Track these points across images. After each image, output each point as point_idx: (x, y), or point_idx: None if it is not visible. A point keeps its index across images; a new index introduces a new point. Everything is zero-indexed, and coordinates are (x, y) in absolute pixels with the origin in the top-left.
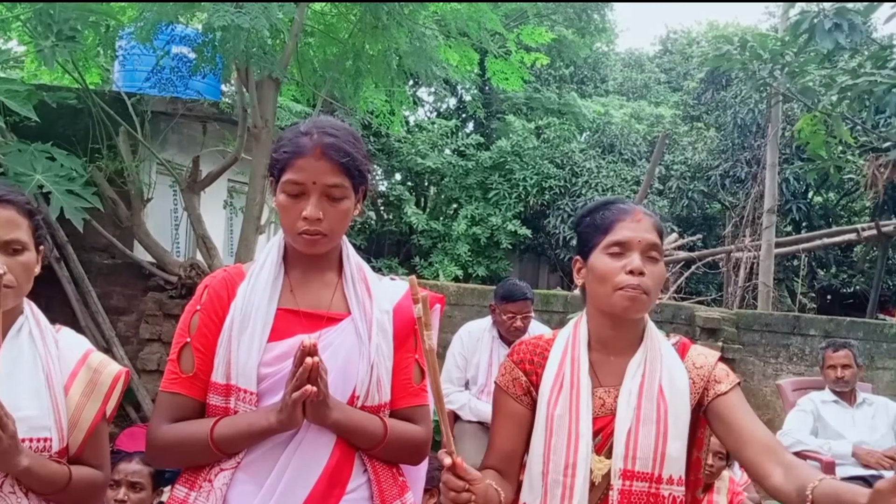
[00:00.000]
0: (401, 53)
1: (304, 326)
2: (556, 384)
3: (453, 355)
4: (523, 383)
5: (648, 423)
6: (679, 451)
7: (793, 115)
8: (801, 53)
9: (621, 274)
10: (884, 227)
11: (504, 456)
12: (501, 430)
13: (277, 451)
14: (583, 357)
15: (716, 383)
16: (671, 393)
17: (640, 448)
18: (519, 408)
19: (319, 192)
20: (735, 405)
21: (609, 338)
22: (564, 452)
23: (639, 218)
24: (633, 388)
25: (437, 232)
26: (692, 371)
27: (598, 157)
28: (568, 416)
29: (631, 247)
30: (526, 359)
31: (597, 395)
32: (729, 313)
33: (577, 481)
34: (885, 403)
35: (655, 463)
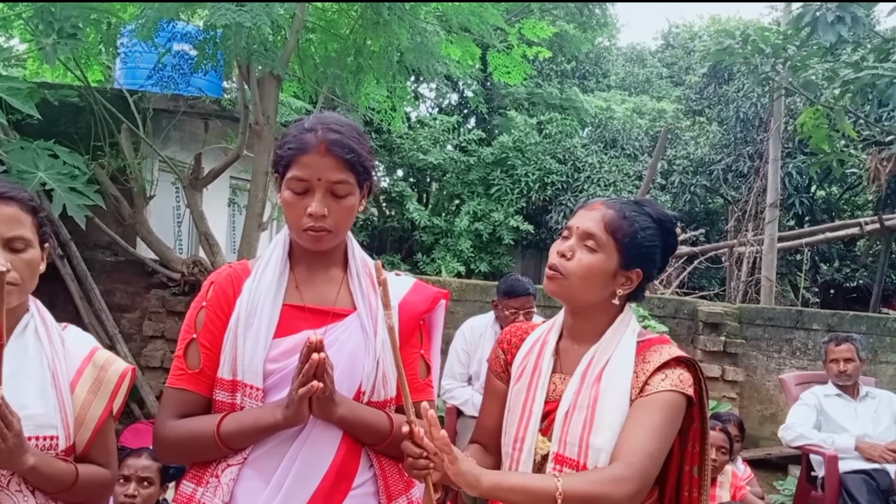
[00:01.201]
0: (402, 49)
1: (309, 322)
2: (523, 364)
3: (456, 351)
4: (502, 361)
5: (581, 409)
6: (604, 443)
7: (795, 109)
8: (804, 47)
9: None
10: (887, 221)
11: (486, 430)
12: (485, 405)
13: (284, 446)
14: (550, 342)
15: (648, 384)
16: (607, 382)
17: (570, 434)
18: (499, 384)
19: (324, 188)
20: (638, 411)
21: (572, 325)
22: (515, 427)
23: (593, 208)
24: (578, 376)
25: (440, 228)
26: (639, 366)
27: (600, 152)
28: (525, 394)
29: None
30: (506, 339)
31: (552, 380)
32: (731, 308)
33: (522, 455)
34: (889, 397)
35: (581, 451)
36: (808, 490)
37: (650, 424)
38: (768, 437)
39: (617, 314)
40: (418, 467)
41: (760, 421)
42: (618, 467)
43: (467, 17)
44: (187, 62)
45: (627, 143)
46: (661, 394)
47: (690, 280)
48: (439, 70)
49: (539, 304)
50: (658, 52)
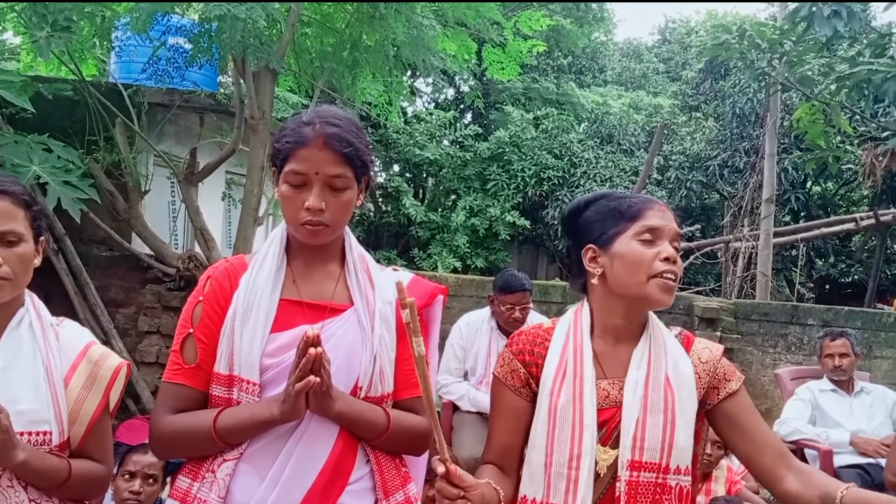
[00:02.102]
0: (398, 44)
1: (306, 317)
2: (559, 374)
3: (452, 346)
4: (522, 375)
5: (656, 412)
6: (686, 440)
7: (791, 104)
8: (800, 42)
9: (656, 261)
10: (882, 217)
11: (503, 450)
12: (500, 424)
13: (280, 441)
14: (586, 346)
15: (725, 381)
16: (678, 383)
17: (648, 438)
18: (518, 400)
19: (322, 182)
20: (746, 408)
21: (617, 327)
22: (569, 444)
23: (663, 208)
24: (639, 378)
25: (436, 223)
26: (698, 365)
27: (596, 147)
28: (572, 406)
29: (662, 234)
30: (525, 349)
31: (600, 387)
32: (727, 303)
33: (581, 473)
34: (883, 392)
35: (663, 453)
36: None
37: (761, 418)
38: None
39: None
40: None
41: None
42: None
43: (463, 12)
44: (182, 56)
45: (624, 139)
46: (742, 389)
47: (686, 276)
48: (435, 64)
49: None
50: (654, 48)
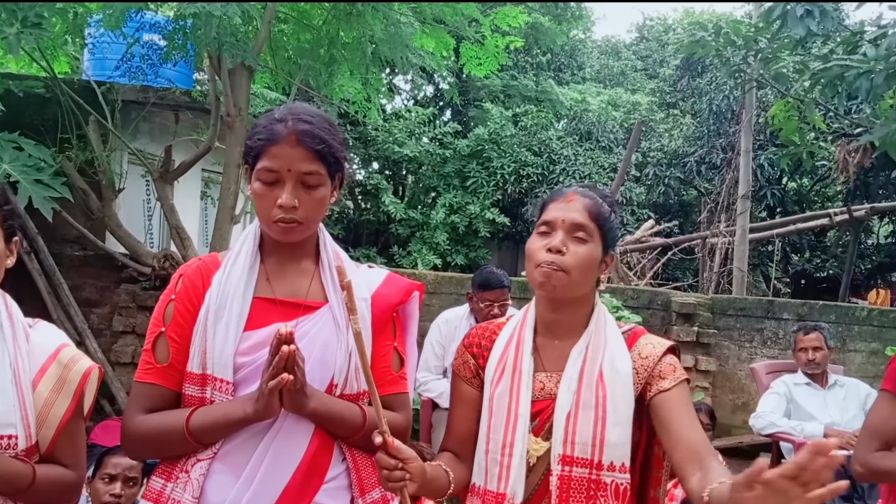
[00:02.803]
0: (375, 41)
1: (280, 315)
2: (500, 366)
3: (431, 343)
4: (472, 366)
5: (588, 408)
6: (620, 437)
7: (767, 101)
8: (774, 40)
9: (541, 251)
10: (855, 212)
11: (458, 437)
12: (455, 413)
13: (255, 440)
14: (527, 340)
15: (660, 379)
16: (612, 379)
17: (580, 434)
18: (470, 390)
19: (295, 179)
20: (674, 405)
21: (551, 321)
22: (503, 432)
23: (570, 199)
24: (573, 374)
25: (416, 221)
26: (637, 361)
27: (575, 144)
28: (508, 396)
29: (556, 226)
30: (475, 342)
31: (537, 379)
32: (704, 298)
33: (513, 461)
34: (856, 385)
35: (595, 449)
36: None
37: (692, 417)
38: (740, 425)
39: (594, 304)
40: (394, 479)
41: (733, 409)
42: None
43: (441, 9)
44: (156, 53)
45: (602, 136)
46: (681, 385)
47: (665, 271)
48: (414, 61)
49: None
50: (633, 45)
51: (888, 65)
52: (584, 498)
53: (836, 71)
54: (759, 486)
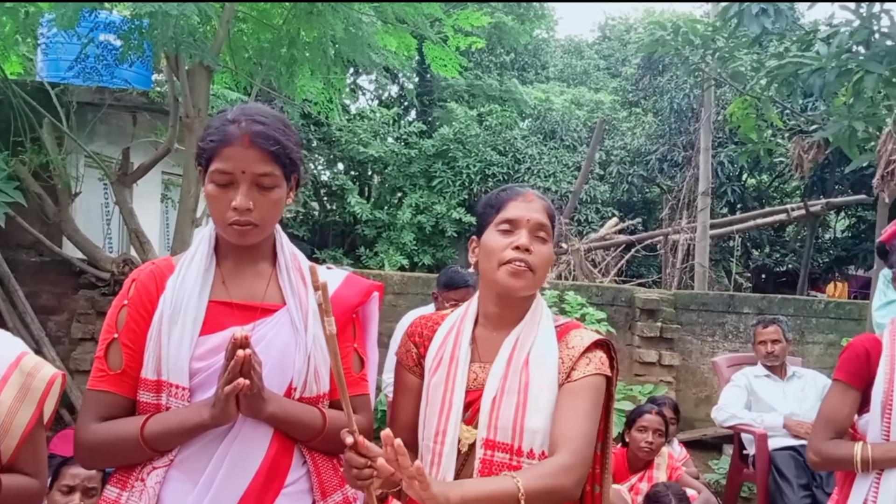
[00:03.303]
0: (337, 40)
1: (237, 319)
2: (438, 356)
3: (396, 344)
4: (414, 355)
5: (511, 393)
6: (540, 425)
7: (726, 99)
8: (731, 38)
9: (507, 250)
10: (811, 207)
11: (402, 426)
12: (400, 402)
13: (212, 446)
14: (465, 332)
15: (573, 370)
16: (536, 367)
17: (501, 419)
18: (413, 378)
19: (249, 181)
20: (571, 395)
21: (494, 314)
22: (436, 420)
23: (531, 199)
24: (502, 361)
25: (382, 221)
26: (563, 351)
27: (539, 143)
28: (443, 386)
29: (520, 224)
30: (417, 332)
31: (472, 370)
32: (667, 294)
33: (445, 448)
34: (814, 376)
35: (515, 434)
36: (741, 468)
37: (583, 409)
38: (703, 418)
39: (534, 299)
40: (363, 477)
41: (696, 403)
42: (563, 457)
43: (403, 8)
44: (112, 53)
45: (566, 134)
46: (588, 378)
47: (629, 268)
48: (377, 61)
49: None
50: (595, 44)
51: (839, 63)
52: None
53: (790, 69)
54: None
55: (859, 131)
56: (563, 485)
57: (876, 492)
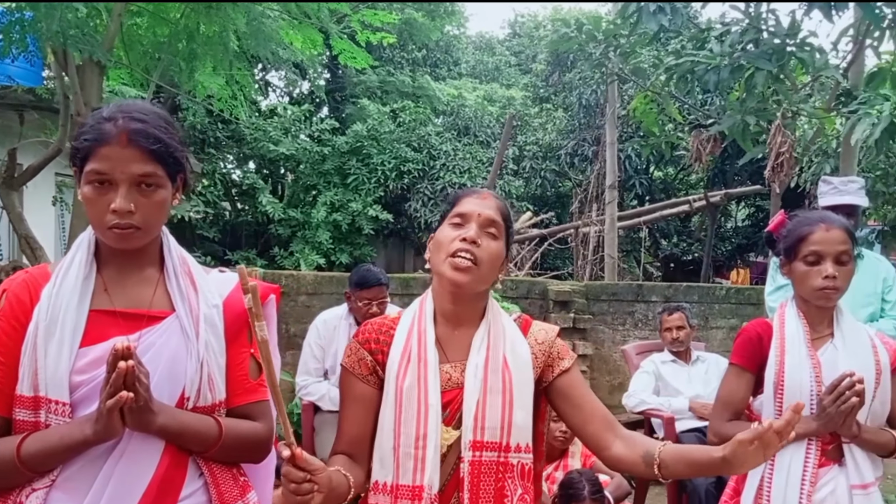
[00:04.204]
0: (239, 35)
1: (121, 328)
2: (404, 359)
3: (310, 346)
4: (369, 363)
5: (495, 393)
6: (524, 419)
7: (631, 95)
8: (632, 35)
9: (455, 241)
10: (712, 198)
11: (353, 439)
12: (350, 413)
13: (98, 463)
14: (429, 331)
15: (559, 359)
16: (515, 365)
17: (489, 419)
18: (366, 388)
19: (129, 182)
20: (579, 382)
21: (450, 312)
22: (415, 424)
23: (485, 197)
24: (479, 362)
25: (296, 220)
26: (534, 346)
27: (454, 139)
28: (417, 388)
29: (470, 218)
30: (371, 338)
31: (443, 370)
32: (579, 286)
33: (428, 452)
34: (717, 360)
35: (503, 432)
36: None
37: (593, 394)
38: (617, 405)
39: (488, 298)
40: (302, 492)
41: (610, 390)
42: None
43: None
44: None
45: (480, 131)
46: (577, 364)
47: (545, 261)
48: (283, 57)
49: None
50: (506, 41)
51: (732, 60)
52: (493, 481)
53: (687, 66)
54: (759, 440)
55: (752, 125)
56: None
57: (771, 469)
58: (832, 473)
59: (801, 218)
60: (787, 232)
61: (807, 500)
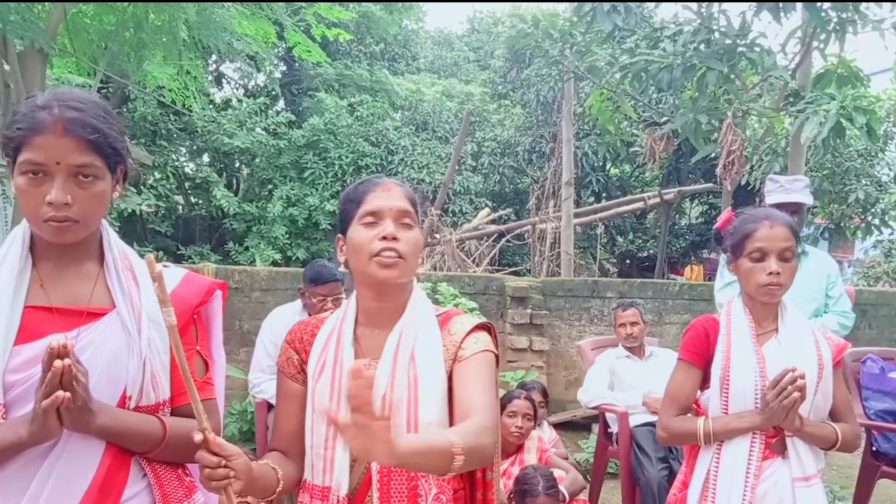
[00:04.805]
0: (190, 24)
1: (58, 325)
2: (321, 358)
3: (263, 343)
4: (296, 361)
5: (401, 389)
6: (434, 417)
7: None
8: (588, 34)
9: (374, 241)
10: (665, 195)
11: (286, 435)
12: (281, 410)
13: (35, 465)
14: (346, 332)
15: (461, 350)
16: (422, 359)
17: (395, 416)
18: (295, 386)
19: (66, 173)
20: (465, 371)
21: (373, 310)
22: (325, 424)
23: (389, 188)
24: (388, 358)
25: (252, 215)
26: (446, 338)
27: (412, 134)
28: (330, 388)
29: (383, 215)
30: (297, 338)
31: None
32: (536, 282)
33: (336, 453)
34: (670, 355)
35: (410, 429)
36: (606, 445)
37: (483, 380)
38: (573, 400)
39: (412, 290)
40: (217, 477)
41: (566, 386)
42: (480, 418)
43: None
44: None
45: (438, 126)
46: (479, 354)
47: (504, 257)
48: (238, 48)
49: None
50: (465, 36)
51: (684, 59)
52: (404, 480)
53: (641, 64)
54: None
55: (703, 123)
56: (486, 444)
57: (717, 461)
58: (775, 466)
59: (747, 215)
60: (734, 229)
61: (751, 492)
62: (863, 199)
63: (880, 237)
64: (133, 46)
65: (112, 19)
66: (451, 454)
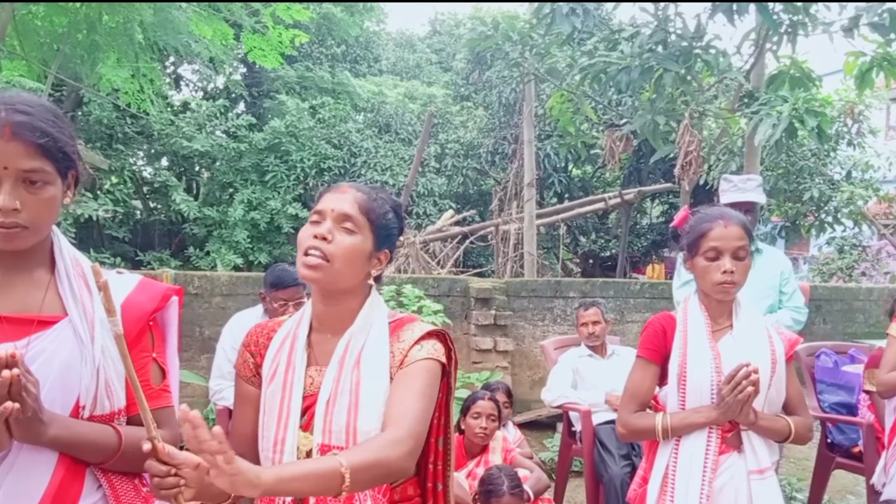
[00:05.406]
0: (146, 26)
1: (8, 334)
2: (274, 363)
3: (223, 349)
4: (251, 365)
5: (343, 395)
6: (373, 425)
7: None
8: (547, 36)
9: (308, 238)
10: (626, 196)
11: (242, 438)
12: (238, 414)
13: None
14: (300, 336)
15: (405, 358)
16: (367, 366)
17: (335, 422)
18: (251, 389)
19: (14, 178)
20: (401, 380)
21: (322, 314)
22: (274, 429)
23: (343, 191)
24: (335, 363)
25: (212, 219)
26: (395, 345)
27: (375, 136)
28: (280, 392)
29: (325, 215)
30: (252, 341)
31: (308, 374)
32: (499, 283)
33: (284, 457)
34: (631, 353)
35: (349, 437)
36: (570, 444)
37: (414, 389)
38: (538, 399)
39: (367, 297)
40: (167, 486)
41: (531, 386)
42: (390, 431)
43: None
44: None
45: (401, 128)
46: (420, 362)
47: (468, 259)
48: (195, 50)
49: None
50: (427, 38)
51: (642, 61)
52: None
53: (600, 66)
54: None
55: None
56: (388, 456)
57: (676, 456)
58: (731, 460)
59: (702, 214)
60: (689, 228)
61: (708, 486)
62: (816, 198)
63: (833, 234)
64: (86, 48)
65: (64, 21)
66: (340, 474)
